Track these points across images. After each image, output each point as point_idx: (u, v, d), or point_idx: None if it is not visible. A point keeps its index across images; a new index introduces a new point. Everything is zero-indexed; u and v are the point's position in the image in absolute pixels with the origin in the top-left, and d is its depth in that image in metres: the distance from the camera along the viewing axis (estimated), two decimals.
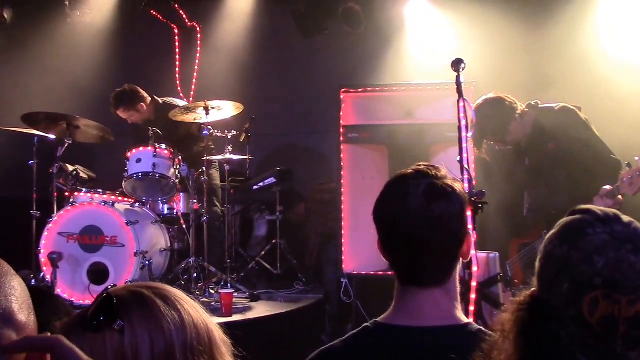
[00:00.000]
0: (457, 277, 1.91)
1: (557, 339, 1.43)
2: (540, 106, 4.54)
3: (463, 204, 1.87)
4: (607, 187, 3.91)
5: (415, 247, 1.84)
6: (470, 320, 1.90)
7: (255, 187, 6.69)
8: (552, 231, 1.53)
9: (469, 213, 1.92)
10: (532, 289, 1.52)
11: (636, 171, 3.79)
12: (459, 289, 1.91)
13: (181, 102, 6.90)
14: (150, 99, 6.70)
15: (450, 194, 1.85)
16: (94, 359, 1.25)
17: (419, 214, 1.81)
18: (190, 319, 1.43)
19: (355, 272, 6.12)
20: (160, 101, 6.73)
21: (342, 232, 6.13)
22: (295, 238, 7.21)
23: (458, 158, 3.49)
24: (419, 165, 1.91)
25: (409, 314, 1.86)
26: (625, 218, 1.49)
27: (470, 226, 1.94)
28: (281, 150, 7.81)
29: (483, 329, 1.82)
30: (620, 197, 3.90)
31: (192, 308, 1.47)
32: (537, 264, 1.53)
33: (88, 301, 5.51)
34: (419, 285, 1.86)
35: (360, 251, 6.20)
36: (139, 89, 6.69)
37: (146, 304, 1.41)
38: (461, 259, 1.91)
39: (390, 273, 5.61)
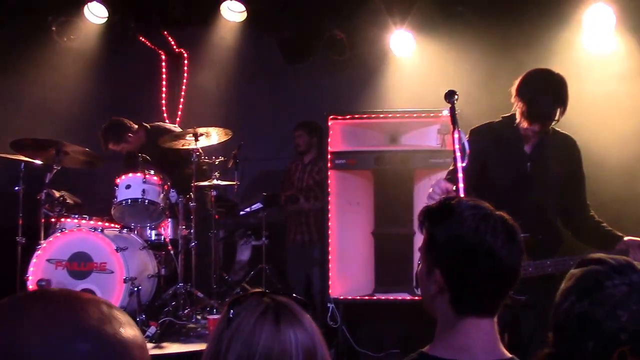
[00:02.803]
0: None
1: None
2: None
3: None
4: None
5: (499, 279, 1.87)
6: (513, 355, 1.90)
7: (242, 213, 6.73)
8: (565, 285, 1.52)
9: None
10: (549, 349, 1.51)
11: None
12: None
13: (170, 125, 6.97)
14: (137, 126, 6.73)
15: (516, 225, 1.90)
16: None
17: (509, 247, 1.85)
18: (289, 344, 1.56)
19: (341, 297, 6.16)
20: (149, 127, 6.78)
21: (329, 257, 6.18)
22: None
23: (454, 187, 3.56)
24: (476, 200, 1.95)
25: (457, 347, 1.86)
26: (639, 265, 1.48)
27: None
28: (268, 175, 7.85)
29: None
30: None
31: (301, 336, 1.58)
32: (551, 319, 1.52)
33: None
34: (475, 315, 1.88)
35: (346, 276, 6.26)
36: (123, 120, 6.72)
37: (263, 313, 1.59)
38: None
39: (374, 297, 5.67)
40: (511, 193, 3.97)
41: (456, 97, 3.68)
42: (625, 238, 3.81)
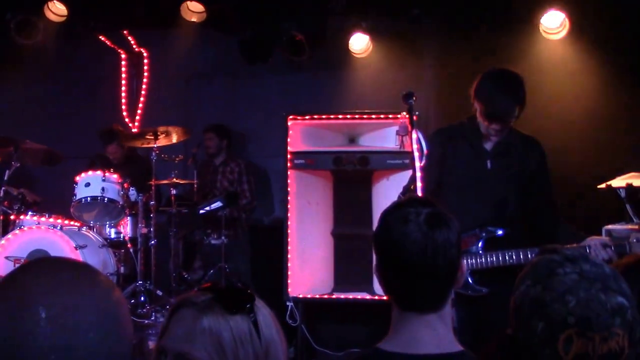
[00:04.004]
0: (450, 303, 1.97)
1: None
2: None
3: (459, 231, 1.93)
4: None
5: (417, 274, 1.88)
6: (463, 349, 1.94)
7: (201, 211, 6.73)
8: (524, 271, 1.62)
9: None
10: (508, 329, 1.60)
11: None
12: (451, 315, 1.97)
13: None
14: None
15: (449, 222, 1.91)
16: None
17: (421, 242, 1.86)
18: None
19: (300, 296, 6.21)
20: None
21: (288, 256, 6.23)
22: None
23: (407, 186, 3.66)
24: (412, 196, 2.00)
25: (406, 341, 1.91)
26: (592, 258, 1.59)
27: None
28: None
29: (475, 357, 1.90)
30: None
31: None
32: (511, 303, 1.61)
33: None
34: (416, 311, 1.91)
35: (305, 275, 6.31)
36: None
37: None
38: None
39: (333, 297, 5.76)
40: (473, 190, 4.05)
41: (414, 98, 3.78)
42: (588, 238, 3.89)
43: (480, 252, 3.89)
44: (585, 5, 6.49)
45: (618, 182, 5.05)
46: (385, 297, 2.02)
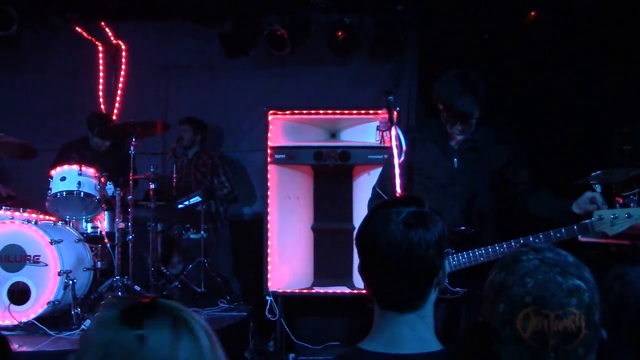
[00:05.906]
0: (433, 304, 1.99)
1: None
2: None
3: (442, 233, 1.95)
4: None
5: (393, 272, 1.91)
6: (443, 347, 1.96)
7: (180, 206, 6.70)
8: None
9: None
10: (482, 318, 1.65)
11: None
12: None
13: None
14: None
15: (429, 223, 1.93)
16: None
17: (397, 240, 1.89)
18: None
19: (280, 291, 6.21)
20: None
21: (268, 250, 6.21)
22: None
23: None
24: (402, 195, 2.02)
25: (387, 341, 1.93)
26: (560, 250, 1.64)
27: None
28: None
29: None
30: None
31: None
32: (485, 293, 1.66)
33: (7, 321, 5.41)
34: (396, 310, 1.94)
35: (285, 269, 6.31)
36: None
37: None
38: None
39: (313, 291, 5.76)
40: (442, 189, 4.02)
41: (393, 95, 3.77)
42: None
43: (451, 253, 3.85)
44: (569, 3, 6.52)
45: (595, 176, 5.08)
46: (364, 291, 2.04)
